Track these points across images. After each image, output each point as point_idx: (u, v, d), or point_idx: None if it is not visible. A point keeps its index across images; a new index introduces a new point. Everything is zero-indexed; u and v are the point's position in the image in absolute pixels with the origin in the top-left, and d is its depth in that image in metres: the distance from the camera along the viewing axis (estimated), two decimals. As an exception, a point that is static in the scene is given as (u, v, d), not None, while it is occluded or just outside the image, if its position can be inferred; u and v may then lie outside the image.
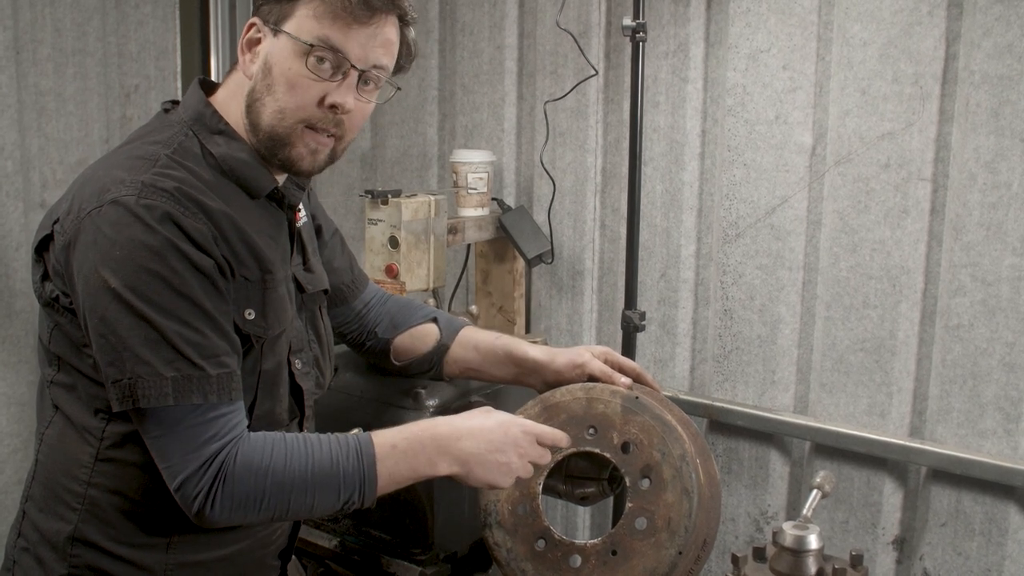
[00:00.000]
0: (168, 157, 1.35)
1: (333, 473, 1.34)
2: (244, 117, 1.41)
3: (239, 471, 1.29)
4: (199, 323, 1.29)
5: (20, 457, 2.58)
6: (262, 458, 1.31)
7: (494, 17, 2.83)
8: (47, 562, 1.41)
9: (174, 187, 1.30)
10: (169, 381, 1.26)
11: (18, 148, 2.50)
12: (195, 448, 1.29)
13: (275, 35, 1.37)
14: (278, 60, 1.37)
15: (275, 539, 1.56)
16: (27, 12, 2.50)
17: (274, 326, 1.42)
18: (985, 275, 2.11)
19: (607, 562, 1.47)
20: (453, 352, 1.78)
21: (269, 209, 1.47)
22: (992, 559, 2.17)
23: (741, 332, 2.48)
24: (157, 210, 1.27)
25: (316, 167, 1.43)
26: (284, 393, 1.48)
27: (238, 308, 1.37)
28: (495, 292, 2.81)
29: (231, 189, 1.40)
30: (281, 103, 1.37)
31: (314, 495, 1.34)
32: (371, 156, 3.17)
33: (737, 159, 2.43)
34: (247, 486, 1.30)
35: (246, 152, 1.41)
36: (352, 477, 1.35)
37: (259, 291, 1.40)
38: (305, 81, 1.36)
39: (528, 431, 1.45)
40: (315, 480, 1.33)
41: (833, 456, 2.37)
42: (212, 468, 1.29)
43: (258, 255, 1.40)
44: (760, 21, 2.36)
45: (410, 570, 1.80)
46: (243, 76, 1.41)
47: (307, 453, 1.34)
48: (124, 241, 1.26)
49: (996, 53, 2.04)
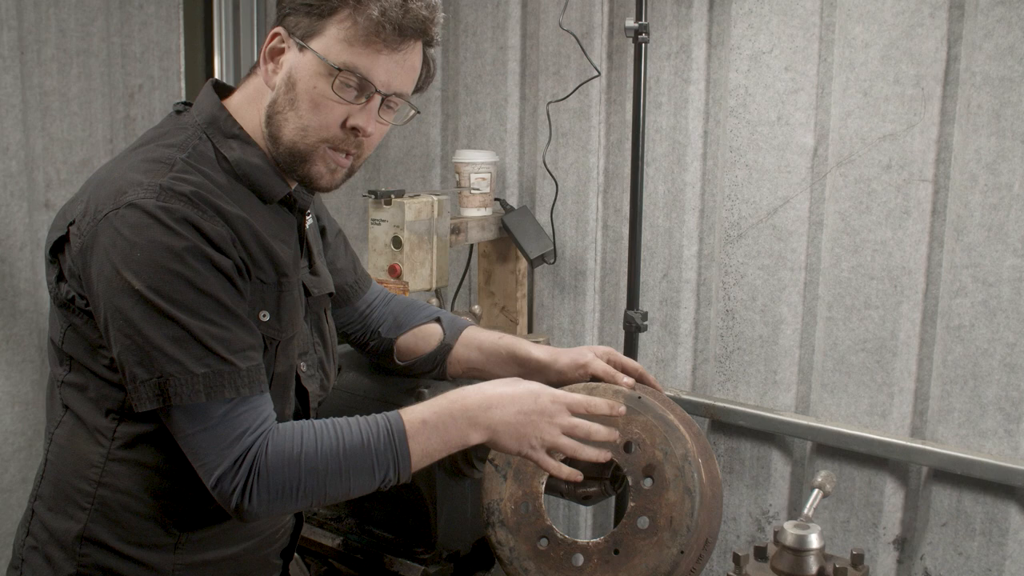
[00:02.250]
0: (184, 161, 1.35)
1: (366, 454, 1.34)
2: (264, 126, 1.41)
3: (272, 462, 1.30)
4: (224, 320, 1.30)
5: (24, 456, 2.59)
6: (293, 446, 1.32)
7: (497, 18, 2.83)
8: (56, 561, 1.41)
9: (191, 191, 1.30)
10: (200, 378, 1.27)
11: (22, 148, 2.51)
12: (228, 444, 1.29)
13: (301, 50, 1.36)
14: (303, 77, 1.36)
15: (278, 538, 1.57)
16: (31, 13, 2.51)
17: (288, 329, 1.43)
18: (986, 276, 2.11)
19: (609, 561, 1.48)
20: (456, 352, 1.78)
21: (281, 213, 1.47)
22: (993, 559, 2.17)
23: (743, 332, 2.49)
24: (176, 213, 1.28)
25: (335, 184, 1.44)
26: (291, 396, 1.49)
27: (253, 310, 1.37)
28: (498, 292, 2.82)
29: (244, 193, 1.40)
30: (304, 121, 1.37)
31: (349, 477, 1.34)
32: (374, 156, 3.18)
33: (739, 160, 2.44)
34: (283, 476, 1.30)
35: (259, 158, 1.41)
36: (385, 455, 1.35)
37: (275, 293, 1.41)
38: (329, 103, 1.35)
39: (558, 399, 1.44)
40: (349, 463, 1.34)
41: (834, 456, 2.37)
42: (247, 462, 1.29)
43: (274, 258, 1.40)
44: (762, 22, 2.36)
45: (413, 569, 1.81)
46: (263, 84, 1.41)
47: (338, 436, 1.34)
48: (144, 243, 1.27)
49: (997, 55, 2.05)
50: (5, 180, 2.48)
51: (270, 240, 1.40)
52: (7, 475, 2.57)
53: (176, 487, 1.40)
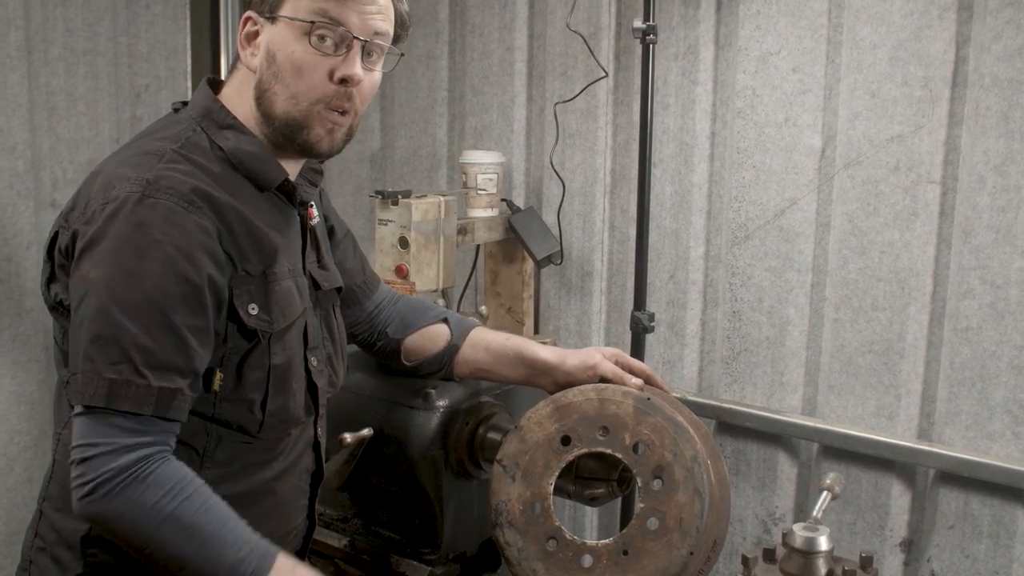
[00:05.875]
0: (174, 152, 1.35)
1: (223, 558, 1.25)
2: (255, 110, 1.41)
3: (156, 480, 1.23)
4: (160, 333, 1.25)
5: (30, 455, 2.59)
6: (184, 483, 1.26)
7: (504, 19, 2.83)
8: (64, 561, 1.41)
9: (180, 181, 1.30)
10: (106, 383, 1.23)
11: (29, 147, 2.51)
12: (119, 437, 1.24)
13: (272, 23, 1.38)
14: (280, 46, 1.37)
15: (290, 540, 1.56)
16: (39, 12, 2.51)
17: (279, 320, 1.41)
18: (994, 278, 2.11)
19: (618, 562, 1.48)
20: (463, 352, 1.78)
21: (278, 204, 1.47)
22: (1000, 561, 2.17)
23: (750, 334, 2.48)
24: (159, 209, 1.27)
25: (335, 147, 1.43)
26: (299, 389, 1.47)
27: (241, 304, 1.36)
28: (504, 293, 2.82)
29: (239, 182, 1.40)
30: (292, 88, 1.37)
31: (194, 560, 1.24)
32: (381, 157, 3.18)
33: (746, 161, 2.43)
34: (152, 499, 1.23)
35: (255, 145, 1.42)
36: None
37: (261, 285, 1.39)
38: (311, 60, 1.36)
39: None
40: (205, 547, 1.24)
41: (841, 458, 2.37)
42: (135, 459, 1.23)
43: (263, 248, 1.39)
44: (770, 24, 2.36)
45: (419, 570, 1.81)
46: (247, 71, 1.42)
47: (219, 518, 1.27)
48: (113, 235, 1.26)
49: (1006, 56, 2.04)
50: (11, 179, 2.48)
51: (263, 229, 1.39)
52: (13, 474, 2.57)
53: None
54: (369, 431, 1.75)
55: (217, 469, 1.41)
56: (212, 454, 1.41)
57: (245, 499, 1.42)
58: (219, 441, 1.41)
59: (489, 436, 1.79)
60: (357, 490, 1.89)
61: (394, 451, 1.76)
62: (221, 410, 1.38)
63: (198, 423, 1.37)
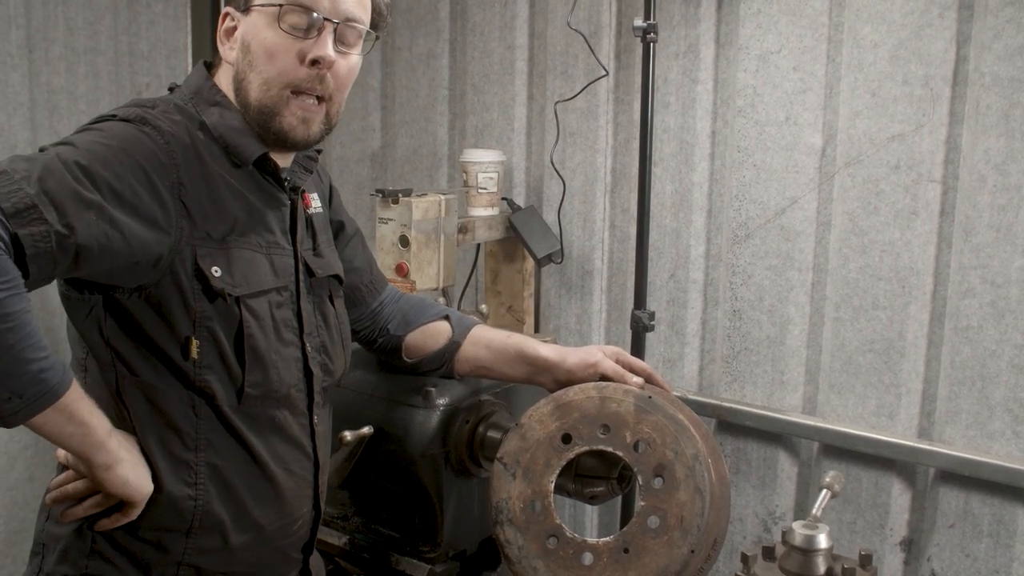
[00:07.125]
0: (162, 110, 1.40)
1: (22, 361, 1.22)
2: (235, 101, 1.45)
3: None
4: (77, 177, 1.23)
5: (31, 453, 2.59)
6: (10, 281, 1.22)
7: (504, 17, 2.83)
8: (73, 548, 1.42)
9: (167, 124, 1.36)
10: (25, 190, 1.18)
11: (30, 146, 2.51)
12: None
13: (246, 13, 1.42)
14: (254, 35, 1.41)
15: (295, 530, 1.56)
16: (40, 11, 2.51)
17: (242, 284, 1.42)
18: (995, 277, 2.11)
19: (619, 560, 1.48)
20: (464, 350, 1.78)
21: (263, 184, 1.48)
22: (1000, 561, 2.17)
23: (750, 333, 2.48)
24: (136, 134, 1.32)
25: (311, 137, 1.45)
26: (283, 367, 1.47)
27: (206, 265, 1.38)
28: (504, 291, 2.82)
29: (218, 153, 1.43)
30: (264, 74, 1.40)
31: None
32: (381, 155, 3.18)
33: (747, 160, 2.44)
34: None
35: (238, 120, 1.44)
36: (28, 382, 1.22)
37: (223, 250, 1.41)
38: (282, 44, 1.39)
39: None
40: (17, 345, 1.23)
41: (841, 457, 2.37)
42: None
43: (223, 213, 1.41)
44: (771, 22, 2.36)
45: (419, 568, 1.81)
46: (227, 66, 1.46)
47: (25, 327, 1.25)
48: (96, 123, 1.34)
49: (1007, 55, 2.04)
50: (13, 178, 2.48)
51: (227, 196, 1.41)
52: (14, 472, 2.57)
53: (187, 476, 1.41)
54: (369, 429, 1.75)
55: (211, 451, 1.42)
56: (204, 433, 1.42)
57: (243, 485, 1.45)
58: (207, 420, 1.41)
59: (489, 434, 1.79)
60: (357, 488, 1.89)
61: (394, 449, 1.76)
62: (201, 379, 1.39)
63: (183, 399, 1.39)
